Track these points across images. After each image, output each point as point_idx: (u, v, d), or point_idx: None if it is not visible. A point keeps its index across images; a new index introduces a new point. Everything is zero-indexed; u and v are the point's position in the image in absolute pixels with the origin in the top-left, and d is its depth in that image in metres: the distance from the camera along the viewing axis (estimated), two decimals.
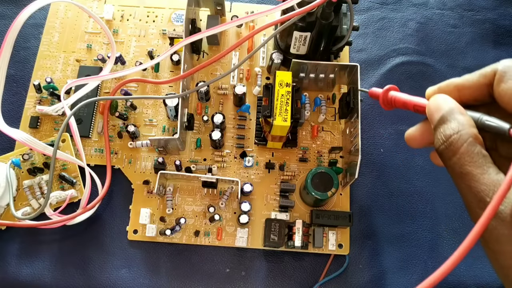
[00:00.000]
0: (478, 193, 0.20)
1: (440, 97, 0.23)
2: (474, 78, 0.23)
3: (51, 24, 0.52)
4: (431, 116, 0.23)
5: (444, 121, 0.22)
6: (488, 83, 0.22)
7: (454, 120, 0.22)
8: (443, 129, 0.22)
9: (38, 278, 0.43)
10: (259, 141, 0.46)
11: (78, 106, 0.42)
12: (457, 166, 0.21)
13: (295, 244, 0.42)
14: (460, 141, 0.21)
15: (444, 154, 0.22)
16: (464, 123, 0.21)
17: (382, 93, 0.28)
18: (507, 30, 0.55)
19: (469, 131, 0.21)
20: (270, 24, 0.39)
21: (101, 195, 0.43)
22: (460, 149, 0.21)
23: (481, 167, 0.20)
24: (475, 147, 0.21)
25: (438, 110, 0.23)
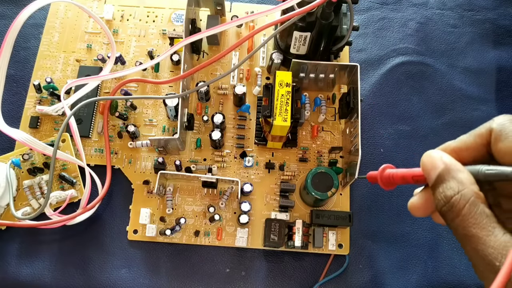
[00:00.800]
0: (486, 257, 0.19)
1: (434, 153, 0.22)
2: (471, 140, 0.22)
3: (51, 24, 0.52)
4: (427, 174, 0.22)
5: (442, 180, 0.21)
6: (486, 143, 0.22)
7: (453, 179, 0.21)
8: (442, 190, 0.21)
9: (38, 278, 0.43)
10: (259, 141, 0.46)
11: (78, 106, 0.42)
12: (460, 228, 0.20)
13: (295, 244, 0.42)
14: (462, 201, 0.20)
15: (447, 216, 0.21)
16: (464, 181, 0.21)
17: (378, 173, 0.27)
18: (507, 30, 0.55)
19: (470, 190, 0.20)
20: (270, 24, 0.39)
21: (101, 195, 0.43)
22: (462, 211, 0.20)
23: (486, 228, 0.19)
24: (478, 207, 0.20)
25: (434, 168, 0.22)
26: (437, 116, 0.51)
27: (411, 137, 0.49)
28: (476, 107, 0.51)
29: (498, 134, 0.21)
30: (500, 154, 0.21)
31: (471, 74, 0.53)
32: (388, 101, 0.51)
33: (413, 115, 0.51)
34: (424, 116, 0.51)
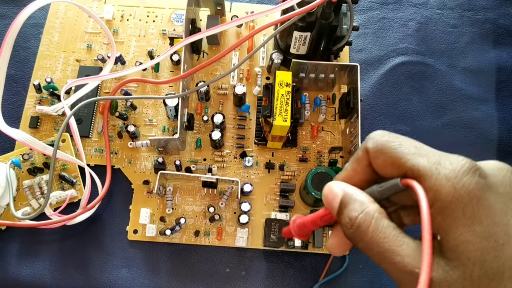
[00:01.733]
0: (405, 267, 0.19)
1: (333, 184, 0.23)
2: (355, 165, 0.23)
3: (51, 24, 0.52)
4: (330, 206, 0.23)
5: (345, 205, 0.22)
6: (368, 164, 0.22)
7: (354, 201, 0.21)
8: (347, 213, 0.21)
9: (38, 278, 0.43)
10: (259, 141, 0.46)
11: (78, 106, 0.42)
12: (373, 246, 0.20)
13: (295, 244, 0.42)
14: (367, 219, 0.20)
15: (356, 237, 0.21)
16: (365, 201, 0.21)
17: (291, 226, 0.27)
18: (507, 30, 0.55)
19: (372, 207, 0.21)
20: (270, 24, 0.39)
21: (101, 195, 0.43)
22: (369, 228, 0.20)
23: (397, 239, 0.20)
24: (383, 221, 0.20)
25: (334, 197, 0.22)
26: (437, 116, 0.51)
27: (411, 137, 0.49)
28: (476, 107, 0.51)
29: (374, 151, 0.22)
30: (381, 168, 0.22)
31: (471, 74, 0.53)
32: (388, 101, 0.51)
33: (413, 115, 0.51)
34: (424, 116, 0.51)
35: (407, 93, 0.51)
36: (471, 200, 0.18)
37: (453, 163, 0.19)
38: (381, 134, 0.22)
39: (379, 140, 0.22)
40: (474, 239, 0.18)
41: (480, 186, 0.18)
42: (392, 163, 0.21)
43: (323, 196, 0.24)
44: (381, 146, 0.21)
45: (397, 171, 0.21)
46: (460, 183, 0.18)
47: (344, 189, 0.22)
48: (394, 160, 0.21)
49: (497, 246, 0.18)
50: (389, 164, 0.21)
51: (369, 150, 0.22)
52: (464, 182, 0.18)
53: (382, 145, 0.21)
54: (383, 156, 0.21)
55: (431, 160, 0.20)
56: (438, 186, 0.19)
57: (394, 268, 0.20)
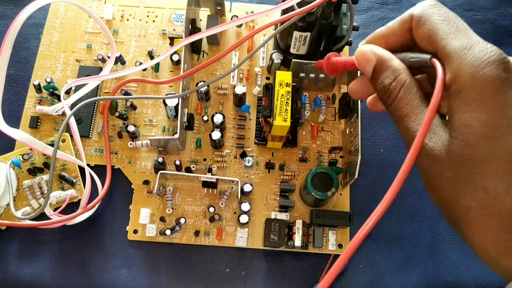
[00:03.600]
0: (414, 133, 0.21)
1: (365, 47, 0.24)
2: (396, 26, 0.24)
3: (51, 24, 0.52)
4: (363, 69, 0.24)
5: (379, 71, 0.23)
6: (409, 28, 0.23)
7: (388, 68, 0.22)
8: (381, 80, 0.23)
9: (38, 278, 0.43)
10: (259, 141, 0.46)
11: (78, 106, 0.42)
12: (396, 110, 0.22)
13: (295, 244, 0.42)
14: (397, 86, 0.22)
15: (386, 102, 0.23)
16: (398, 68, 0.22)
17: (324, 61, 0.29)
18: (507, 30, 0.55)
19: (404, 75, 0.22)
20: (270, 24, 0.39)
21: (101, 195, 0.43)
22: (398, 94, 0.22)
23: (417, 107, 0.21)
24: (411, 89, 0.22)
25: (367, 62, 0.23)
26: None
27: None
28: None
29: (418, 20, 0.22)
30: (419, 39, 0.22)
31: None
32: None
33: None
34: None
35: None
36: (485, 90, 0.19)
37: (481, 51, 0.19)
38: (431, 4, 0.22)
39: (426, 9, 0.22)
40: (475, 124, 0.19)
41: (499, 79, 0.19)
42: (429, 37, 0.21)
43: (355, 59, 0.25)
44: (426, 17, 0.22)
45: (431, 46, 0.21)
46: (480, 72, 0.19)
47: (377, 53, 0.23)
48: (431, 34, 0.21)
49: (495, 135, 0.19)
50: (426, 37, 0.22)
51: (414, 16, 0.22)
52: (484, 72, 0.19)
53: (427, 15, 0.22)
54: (424, 27, 0.22)
55: (463, 44, 0.20)
56: (459, 71, 0.19)
57: (406, 131, 0.21)
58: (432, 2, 0.22)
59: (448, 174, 0.20)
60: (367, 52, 0.24)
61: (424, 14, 0.22)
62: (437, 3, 0.22)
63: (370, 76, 0.24)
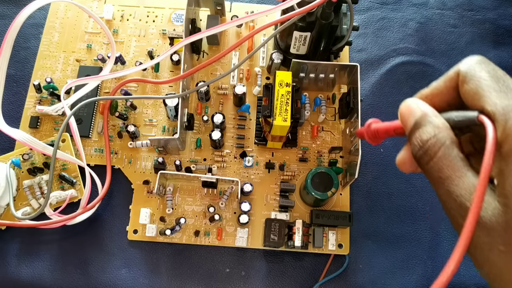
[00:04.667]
0: (458, 198, 0.19)
1: (411, 101, 0.23)
2: (441, 84, 0.23)
3: (51, 24, 0.52)
4: (404, 122, 0.23)
5: (419, 125, 0.21)
6: (455, 86, 0.22)
7: (429, 124, 0.21)
8: (419, 134, 0.21)
9: (38, 278, 0.43)
10: (259, 141, 0.46)
11: (78, 106, 0.42)
12: (435, 171, 0.20)
13: (295, 244, 0.42)
14: (437, 144, 0.20)
15: (422, 160, 0.21)
16: (440, 126, 0.21)
17: (365, 129, 0.28)
18: (507, 30, 0.55)
19: (445, 134, 0.21)
20: (270, 24, 0.39)
21: (101, 195, 0.43)
22: (438, 153, 0.20)
23: (460, 170, 0.20)
24: (452, 150, 0.20)
25: (410, 115, 0.22)
26: None
27: None
28: None
29: (464, 76, 0.21)
30: (465, 96, 0.21)
31: None
32: (388, 101, 0.51)
33: None
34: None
35: (407, 93, 0.51)
36: None
37: None
38: (478, 61, 0.21)
39: (473, 66, 0.21)
40: None
41: None
42: (475, 94, 0.20)
43: (400, 111, 0.23)
44: (473, 72, 0.21)
45: (478, 104, 0.20)
46: None
47: (422, 108, 0.22)
48: (478, 92, 0.20)
49: None
50: (472, 94, 0.20)
51: (460, 72, 0.21)
52: None
53: (474, 71, 0.21)
54: (471, 84, 0.21)
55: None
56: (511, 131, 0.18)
57: (448, 196, 0.20)
58: (480, 58, 0.21)
59: (502, 247, 0.18)
60: (413, 105, 0.22)
61: (471, 70, 0.21)
62: (485, 60, 0.21)
63: (409, 131, 0.22)
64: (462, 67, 0.21)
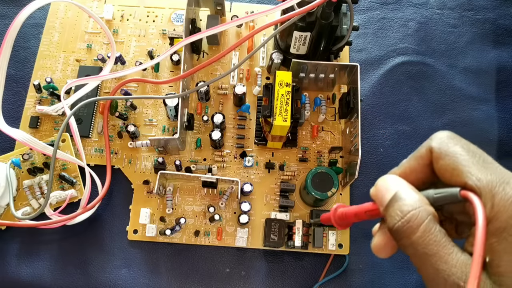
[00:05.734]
0: (449, 277, 0.18)
1: (388, 178, 0.22)
2: (413, 163, 0.22)
3: (51, 24, 0.52)
4: (380, 199, 0.21)
5: (398, 199, 0.20)
6: (428, 163, 0.21)
7: (409, 197, 0.20)
8: (398, 206, 0.20)
9: (38, 278, 0.43)
10: (259, 141, 0.46)
11: (78, 106, 0.42)
12: (419, 246, 0.19)
13: (295, 244, 0.42)
14: (420, 217, 0.19)
15: (401, 232, 0.20)
16: (421, 200, 0.20)
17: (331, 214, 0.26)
18: (507, 30, 0.55)
19: (428, 208, 0.20)
20: (270, 24, 0.39)
21: (101, 195, 0.43)
22: (420, 227, 0.19)
23: (447, 246, 0.19)
24: (435, 224, 0.19)
25: (387, 191, 0.21)
26: (437, 116, 0.51)
27: (411, 137, 0.49)
28: (476, 107, 0.51)
29: (438, 152, 0.20)
30: (441, 172, 0.20)
31: (471, 74, 0.53)
32: (388, 101, 0.51)
33: (413, 115, 0.51)
34: (424, 116, 0.51)
35: (407, 93, 0.52)
36: None
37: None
38: (450, 136, 0.21)
39: (445, 142, 0.20)
40: None
41: None
42: (454, 170, 0.19)
43: (376, 186, 0.22)
44: (446, 148, 0.20)
45: (458, 179, 0.19)
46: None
47: (400, 185, 0.21)
48: (457, 167, 0.19)
49: None
50: (450, 170, 0.20)
51: (433, 149, 0.21)
52: None
53: (447, 146, 0.20)
54: (447, 159, 0.20)
55: (499, 177, 0.18)
56: (501, 207, 0.18)
57: (435, 274, 0.19)
58: (450, 134, 0.21)
59: None
60: (390, 180, 0.21)
61: (444, 145, 0.20)
62: (455, 135, 0.21)
63: (386, 205, 0.21)
64: (434, 144, 0.21)
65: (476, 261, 0.17)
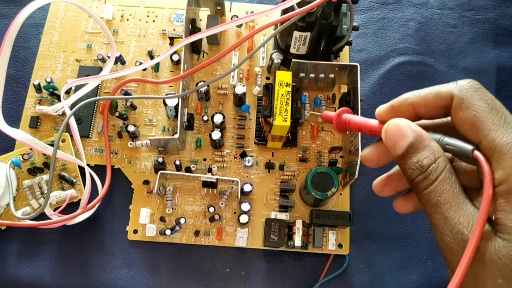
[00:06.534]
0: (456, 225, 0.19)
1: (401, 122, 0.22)
2: (431, 98, 0.22)
3: (51, 24, 0.52)
4: (393, 144, 0.21)
5: (416, 150, 0.20)
6: (445, 105, 0.21)
7: (427, 148, 0.20)
8: (417, 159, 0.20)
9: (38, 278, 0.43)
10: (259, 141, 0.46)
11: (78, 106, 0.42)
12: (434, 195, 0.20)
13: (295, 244, 0.42)
14: (439, 169, 0.20)
15: (421, 185, 0.20)
16: (438, 150, 0.20)
17: (335, 116, 0.26)
18: (507, 30, 0.55)
19: (445, 158, 0.20)
20: (270, 24, 0.39)
21: (101, 195, 0.43)
22: (439, 177, 0.20)
23: (459, 196, 0.19)
24: (452, 175, 0.20)
25: (403, 138, 0.21)
26: None
27: None
28: None
29: (460, 102, 0.20)
30: (459, 123, 0.20)
31: (471, 74, 0.53)
32: (388, 101, 0.51)
33: None
34: None
35: None
36: None
37: None
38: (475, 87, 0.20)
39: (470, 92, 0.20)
40: None
41: None
42: (473, 125, 0.19)
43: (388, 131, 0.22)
44: (470, 100, 0.20)
45: (475, 136, 0.19)
46: None
47: (416, 131, 0.21)
48: (476, 122, 0.19)
49: None
50: (469, 124, 0.20)
51: (455, 97, 0.20)
52: None
53: (471, 99, 0.20)
54: (467, 113, 0.20)
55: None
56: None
57: (444, 222, 0.19)
58: (476, 85, 0.20)
59: (500, 280, 0.18)
60: (404, 126, 0.21)
61: (468, 97, 0.20)
62: (481, 87, 0.20)
63: (402, 153, 0.21)
64: (458, 91, 0.20)
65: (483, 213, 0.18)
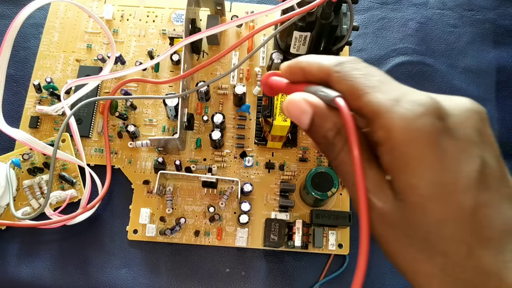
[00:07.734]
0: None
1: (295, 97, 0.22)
2: (314, 69, 0.22)
3: (51, 24, 0.52)
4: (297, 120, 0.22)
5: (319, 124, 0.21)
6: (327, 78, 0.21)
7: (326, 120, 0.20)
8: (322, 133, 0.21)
9: (38, 278, 0.43)
10: (259, 141, 0.46)
11: (78, 106, 0.42)
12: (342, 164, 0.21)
13: (295, 244, 0.42)
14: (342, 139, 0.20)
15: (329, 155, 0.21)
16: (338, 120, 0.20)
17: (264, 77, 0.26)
18: (507, 30, 0.55)
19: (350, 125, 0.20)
20: (270, 24, 0.39)
21: (101, 195, 0.43)
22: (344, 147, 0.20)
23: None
24: None
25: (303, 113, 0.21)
26: None
27: None
28: None
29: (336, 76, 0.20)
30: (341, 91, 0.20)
31: (471, 74, 0.53)
32: None
33: None
34: None
35: None
36: (422, 144, 0.17)
37: (413, 102, 0.18)
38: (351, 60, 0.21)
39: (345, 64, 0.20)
40: (420, 184, 0.17)
41: (435, 129, 0.17)
42: (351, 94, 0.19)
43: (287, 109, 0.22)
44: (344, 72, 0.20)
45: (354, 103, 0.19)
46: (414, 125, 0.17)
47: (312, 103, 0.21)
48: (353, 90, 0.19)
49: (443, 194, 0.17)
50: (348, 93, 0.20)
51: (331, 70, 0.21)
52: (419, 123, 0.17)
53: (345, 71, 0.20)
54: (344, 83, 0.20)
55: (390, 96, 0.18)
56: (391, 125, 0.18)
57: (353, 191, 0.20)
58: (352, 58, 0.21)
59: (405, 240, 0.19)
60: (299, 101, 0.21)
61: (343, 69, 0.20)
62: (356, 59, 0.21)
63: (307, 128, 0.22)
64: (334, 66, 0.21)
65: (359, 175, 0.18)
